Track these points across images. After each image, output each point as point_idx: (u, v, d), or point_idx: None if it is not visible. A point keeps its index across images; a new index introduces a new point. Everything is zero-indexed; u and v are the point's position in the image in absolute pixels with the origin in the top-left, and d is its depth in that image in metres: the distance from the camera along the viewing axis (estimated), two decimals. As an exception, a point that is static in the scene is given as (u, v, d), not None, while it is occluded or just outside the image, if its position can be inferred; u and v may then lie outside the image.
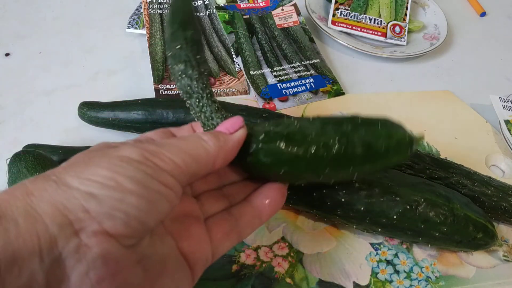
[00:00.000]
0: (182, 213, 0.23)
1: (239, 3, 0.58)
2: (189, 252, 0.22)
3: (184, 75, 0.25)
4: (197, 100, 0.26)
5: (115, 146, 0.20)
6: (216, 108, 0.26)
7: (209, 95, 0.26)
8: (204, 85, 0.25)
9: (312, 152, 0.23)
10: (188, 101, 0.26)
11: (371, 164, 0.24)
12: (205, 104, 0.26)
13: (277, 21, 0.57)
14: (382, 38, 0.58)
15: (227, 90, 0.49)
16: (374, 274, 0.35)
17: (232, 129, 0.23)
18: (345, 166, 0.24)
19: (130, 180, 0.18)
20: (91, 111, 0.41)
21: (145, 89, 0.48)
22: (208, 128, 0.26)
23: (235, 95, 0.48)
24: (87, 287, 0.16)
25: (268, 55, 0.53)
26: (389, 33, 0.58)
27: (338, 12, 0.59)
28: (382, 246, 0.36)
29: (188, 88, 0.25)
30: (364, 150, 0.23)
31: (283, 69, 0.52)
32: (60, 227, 0.16)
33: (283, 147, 0.23)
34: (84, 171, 0.18)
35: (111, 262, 0.17)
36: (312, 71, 0.52)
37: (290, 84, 0.50)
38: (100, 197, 0.17)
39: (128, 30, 0.54)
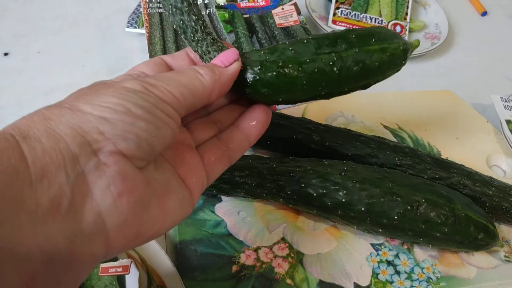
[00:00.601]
0: (175, 142, 0.25)
1: (239, 2, 0.58)
2: (186, 177, 0.23)
3: (175, 9, 0.25)
4: (192, 35, 0.25)
5: (115, 80, 0.21)
6: (212, 41, 0.26)
7: (202, 27, 0.26)
8: (196, 17, 0.25)
9: (309, 77, 0.24)
10: (183, 36, 0.26)
11: (365, 80, 0.26)
12: (200, 38, 0.25)
13: (277, 21, 0.57)
14: (383, 38, 0.58)
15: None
16: (374, 274, 0.34)
17: (227, 62, 0.24)
18: (341, 85, 0.25)
19: (137, 107, 0.19)
20: (90, 111, 0.41)
21: (145, 88, 0.47)
22: (207, 62, 0.26)
23: (235, 94, 0.48)
24: (109, 200, 0.18)
25: (268, 54, 0.52)
26: (389, 33, 0.58)
27: (338, 11, 0.58)
28: (382, 246, 0.36)
29: (181, 23, 0.25)
30: (359, 68, 0.25)
31: (283, 69, 0.51)
32: (80, 146, 0.17)
33: (280, 77, 0.24)
34: (94, 98, 0.19)
35: (128, 179, 0.18)
36: (313, 71, 0.52)
37: (290, 84, 0.50)
38: (112, 121, 0.18)
39: (127, 29, 0.54)
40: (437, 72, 0.57)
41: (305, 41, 0.25)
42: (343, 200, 0.33)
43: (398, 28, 0.59)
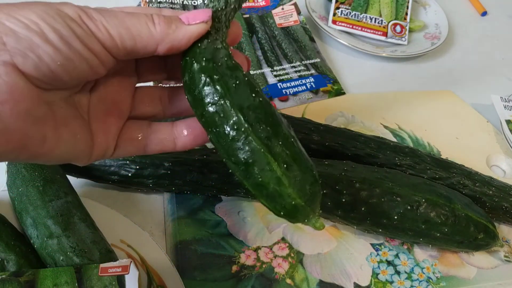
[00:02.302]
0: (112, 99, 0.24)
1: (239, 2, 0.58)
2: (96, 134, 0.23)
3: None
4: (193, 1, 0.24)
5: (63, 1, 0.21)
6: None
7: None
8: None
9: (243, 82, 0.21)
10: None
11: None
12: None
13: (277, 20, 0.57)
14: (383, 38, 0.58)
15: None
16: (374, 274, 0.34)
17: (193, 20, 0.22)
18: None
19: (53, 32, 0.19)
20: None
21: (145, 88, 0.47)
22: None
23: (235, 94, 0.48)
24: None
25: (268, 54, 0.52)
26: (390, 33, 0.58)
27: (338, 11, 0.58)
28: (382, 246, 0.36)
29: None
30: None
31: (283, 69, 0.51)
32: None
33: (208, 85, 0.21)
34: (17, 11, 0.19)
35: (16, 91, 0.18)
36: (313, 71, 0.52)
37: (290, 84, 0.50)
38: (19, 36, 0.18)
39: (127, 29, 0.54)
40: (437, 72, 0.57)
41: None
42: (343, 200, 0.33)
43: (398, 28, 0.59)
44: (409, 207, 0.32)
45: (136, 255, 0.32)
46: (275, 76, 0.50)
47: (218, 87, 0.21)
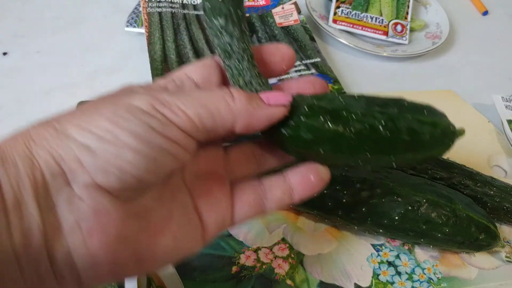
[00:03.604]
0: (207, 170, 0.22)
1: (239, 1, 0.58)
2: (205, 211, 0.21)
3: (224, 32, 0.22)
4: (237, 62, 0.23)
5: (132, 91, 0.20)
6: (257, 73, 0.23)
7: (250, 57, 0.23)
8: (246, 46, 0.23)
9: (357, 132, 0.22)
10: (226, 62, 0.23)
11: (413, 152, 0.23)
12: (245, 67, 0.23)
13: (277, 20, 0.57)
14: (384, 37, 0.58)
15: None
16: (375, 275, 0.34)
17: (273, 101, 0.20)
18: (387, 151, 0.23)
19: (129, 134, 0.17)
20: (90, 111, 0.40)
21: (144, 88, 0.47)
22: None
23: (235, 94, 0.48)
24: (79, 236, 0.16)
25: (268, 54, 0.52)
26: (390, 32, 0.58)
27: (339, 11, 0.58)
28: (383, 247, 0.36)
29: (228, 47, 0.22)
30: (409, 136, 0.22)
31: (284, 68, 0.51)
32: (53, 175, 0.16)
33: (328, 124, 0.21)
34: (86, 120, 0.17)
35: (102, 215, 0.17)
36: (313, 70, 0.52)
37: (290, 83, 0.50)
38: (95, 150, 0.17)
39: (127, 28, 0.54)
40: (438, 71, 0.57)
41: (356, 96, 0.23)
42: (344, 200, 0.33)
43: (399, 28, 0.58)
44: (410, 208, 0.32)
45: (135, 256, 0.32)
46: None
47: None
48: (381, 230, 0.34)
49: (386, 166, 0.24)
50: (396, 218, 0.32)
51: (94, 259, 0.17)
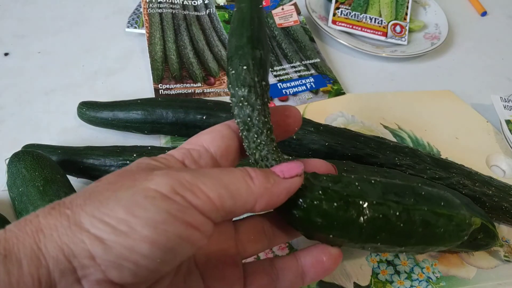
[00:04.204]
0: (219, 250, 0.22)
1: (239, 2, 0.58)
2: None
3: (246, 103, 0.22)
4: (255, 135, 0.22)
5: (150, 168, 0.19)
6: (274, 149, 0.22)
7: (269, 132, 0.22)
8: (266, 119, 0.22)
9: (370, 222, 0.21)
10: (244, 133, 0.22)
11: (424, 245, 0.23)
12: (263, 142, 0.22)
13: (277, 21, 0.57)
14: (383, 38, 0.58)
15: (227, 90, 0.49)
16: (374, 274, 0.34)
17: (288, 173, 0.20)
18: (398, 242, 0.22)
19: (146, 224, 0.16)
20: (90, 111, 0.41)
21: (145, 88, 0.47)
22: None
23: (235, 94, 0.48)
24: None
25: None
26: (389, 33, 0.58)
27: (338, 12, 0.58)
28: (382, 246, 0.36)
29: (248, 119, 0.22)
30: (423, 228, 0.22)
31: (283, 69, 0.51)
32: (62, 273, 0.15)
33: (341, 211, 0.21)
34: (101, 207, 0.16)
35: None
36: (313, 71, 0.52)
37: (290, 84, 0.50)
38: (108, 244, 0.15)
39: (127, 29, 0.54)
40: (437, 72, 0.57)
41: (372, 181, 0.23)
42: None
43: (398, 28, 0.59)
44: (409, 207, 0.32)
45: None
46: (275, 76, 0.50)
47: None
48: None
49: (389, 250, 0.23)
50: (395, 217, 0.32)
51: None
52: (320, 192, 0.21)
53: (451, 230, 0.23)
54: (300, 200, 0.21)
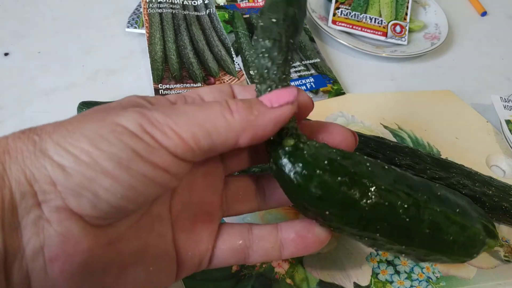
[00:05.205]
0: (199, 202, 0.21)
1: (239, 2, 0.58)
2: (183, 248, 0.20)
3: (266, 54, 0.20)
4: (268, 89, 0.20)
5: (131, 104, 0.18)
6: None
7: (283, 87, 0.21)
8: (284, 76, 0.21)
9: (373, 207, 0.19)
10: (258, 86, 0.21)
11: (428, 250, 0.21)
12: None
13: (277, 21, 0.57)
14: (383, 38, 0.58)
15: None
16: (374, 274, 0.34)
17: (277, 102, 0.18)
18: (399, 239, 0.20)
19: (109, 159, 0.15)
20: (91, 111, 0.41)
21: (145, 88, 0.47)
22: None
23: (235, 94, 0.48)
24: (40, 262, 0.15)
25: (268, 54, 0.52)
26: (389, 33, 0.58)
27: (338, 12, 0.58)
28: (382, 246, 0.36)
29: (265, 71, 0.20)
30: (430, 230, 0.20)
31: (283, 69, 0.51)
32: (23, 196, 0.15)
33: (344, 186, 0.19)
34: (67, 137, 0.16)
35: (70, 241, 0.15)
36: (313, 71, 0.52)
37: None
38: (70, 172, 0.15)
39: (127, 29, 0.54)
40: (437, 72, 0.57)
41: (386, 167, 0.21)
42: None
43: (398, 28, 0.59)
44: (409, 207, 0.32)
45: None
46: (275, 76, 0.50)
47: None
48: (380, 230, 0.34)
49: (387, 247, 0.21)
50: (395, 217, 0.32)
51: (53, 287, 0.15)
52: (326, 162, 0.19)
53: (461, 242, 0.21)
54: (301, 165, 0.19)
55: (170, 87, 0.47)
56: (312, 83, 0.50)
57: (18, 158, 0.15)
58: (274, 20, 0.21)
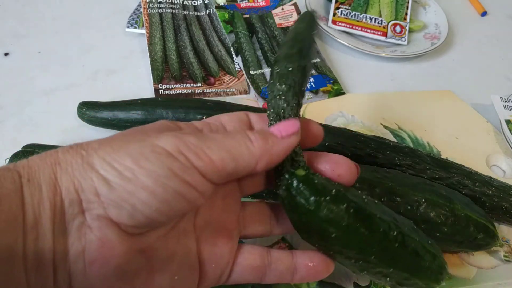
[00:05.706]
0: (220, 220, 0.23)
1: (239, 2, 0.58)
2: (207, 260, 0.22)
3: (283, 97, 0.24)
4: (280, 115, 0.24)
5: (165, 128, 0.21)
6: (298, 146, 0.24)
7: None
8: (296, 117, 0.24)
9: (372, 232, 0.23)
10: (272, 122, 0.24)
11: (408, 273, 0.24)
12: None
13: (277, 21, 0.57)
14: (383, 38, 0.58)
15: (227, 90, 0.49)
16: (374, 274, 0.34)
17: (285, 132, 0.22)
18: (389, 261, 0.24)
19: (148, 175, 0.18)
20: (91, 111, 0.41)
21: (145, 88, 0.47)
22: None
23: (235, 94, 0.48)
24: (81, 265, 0.17)
25: (268, 54, 0.52)
26: (389, 33, 0.58)
27: (338, 12, 0.58)
28: (382, 246, 0.36)
29: (282, 111, 0.24)
30: (412, 256, 0.24)
31: (283, 69, 0.51)
32: (71, 203, 0.17)
33: (349, 212, 0.22)
34: (112, 154, 0.18)
35: (107, 247, 0.17)
36: (313, 71, 0.52)
37: (290, 84, 0.50)
38: (113, 185, 0.17)
39: (127, 29, 0.54)
40: (437, 72, 0.57)
41: (376, 201, 0.25)
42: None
43: (398, 28, 0.59)
44: (409, 207, 0.32)
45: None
46: (275, 76, 0.50)
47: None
48: (380, 230, 0.34)
49: (379, 277, 0.25)
50: (395, 217, 0.32)
51: (90, 287, 0.17)
52: (333, 191, 0.22)
53: (433, 269, 0.25)
54: (313, 192, 0.22)
55: (170, 87, 0.47)
56: (312, 83, 0.50)
57: (68, 169, 0.18)
58: (290, 68, 0.24)
